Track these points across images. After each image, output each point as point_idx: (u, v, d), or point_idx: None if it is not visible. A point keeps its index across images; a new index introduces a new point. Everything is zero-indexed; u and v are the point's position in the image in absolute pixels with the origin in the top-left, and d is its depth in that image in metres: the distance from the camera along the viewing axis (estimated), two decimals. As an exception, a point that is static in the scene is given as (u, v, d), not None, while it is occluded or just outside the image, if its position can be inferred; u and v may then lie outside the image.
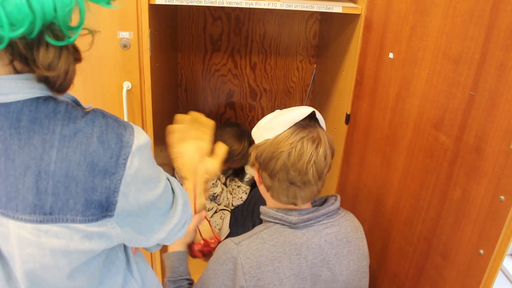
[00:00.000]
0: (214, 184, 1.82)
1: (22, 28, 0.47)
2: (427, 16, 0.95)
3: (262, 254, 0.93)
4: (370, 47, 1.25)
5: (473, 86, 0.81)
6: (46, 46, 0.52)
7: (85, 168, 0.56)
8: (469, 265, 0.84)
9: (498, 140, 0.75)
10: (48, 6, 0.48)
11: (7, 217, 0.56)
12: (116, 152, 0.58)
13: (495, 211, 0.76)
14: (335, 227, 0.99)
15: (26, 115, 0.55)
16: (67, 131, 0.56)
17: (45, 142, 0.55)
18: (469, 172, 0.84)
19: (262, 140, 0.96)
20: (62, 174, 0.55)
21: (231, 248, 0.95)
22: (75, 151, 0.56)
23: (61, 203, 0.56)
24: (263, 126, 0.99)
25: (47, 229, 0.56)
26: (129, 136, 0.60)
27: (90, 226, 0.59)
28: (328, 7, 1.26)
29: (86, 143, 0.56)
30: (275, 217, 0.98)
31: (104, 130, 0.58)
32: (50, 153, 0.55)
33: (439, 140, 0.93)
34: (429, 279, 0.98)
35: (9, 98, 0.54)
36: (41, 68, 0.53)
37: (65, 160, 0.55)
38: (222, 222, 1.83)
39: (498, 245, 0.76)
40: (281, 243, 0.94)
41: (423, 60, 0.97)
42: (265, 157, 0.94)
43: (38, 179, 0.55)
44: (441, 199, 0.93)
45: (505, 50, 0.73)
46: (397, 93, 1.09)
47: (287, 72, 1.99)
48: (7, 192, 0.55)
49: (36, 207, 0.55)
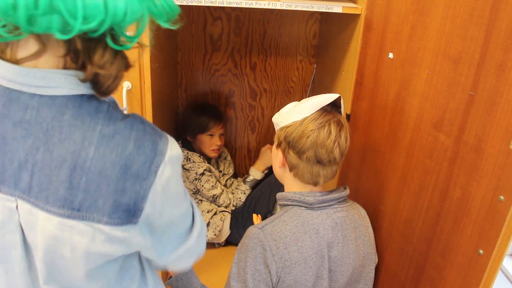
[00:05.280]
0: (214, 186, 1.82)
1: (92, 24, 0.50)
2: (427, 16, 0.95)
3: (286, 235, 0.99)
4: (370, 47, 1.25)
5: (473, 86, 0.81)
6: (104, 47, 0.56)
7: (119, 169, 0.57)
8: (469, 265, 0.84)
9: (498, 140, 0.75)
10: (120, 10, 0.51)
11: (37, 208, 0.57)
12: (150, 158, 0.59)
13: (494, 211, 0.76)
14: (344, 212, 1.07)
15: (70, 110, 0.57)
16: (107, 131, 0.57)
17: (85, 139, 0.56)
18: (469, 172, 0.84)
19: (289, 122, 1.03)
20: (96, 172, 0.56)
21: (256, 233, 1.00)
22: (111, 151, 0.57)
23: (90, 201, 0.57)
24: (290, 111, 1.06)
25: (72, 225, 0.57)
26: (163, 145, 0.61)
27: (114, 230, 0.59)
28: (328, 7, 1.26)
29: (123, 145, 0.58)
30: (292, 199, 1.05)
31: (141, 135, 0.59)
32: (88, 150, 0.56)
33: (439, 140, 0.93)
34: (429, 279, 0.98)
35: (56, 92, 0.56)
36: (95, 66, 0.56)
37: (101, 158, 0.56)
38: (223, 224, 1.83)
39: (497, 245, 0.76)
40: (301, 224, 1.02)
41: (423, 60, 0.97)
42: (295, 136, 1.01)
43: (73, 173, 0.56)
44: (441, 199, 0.93)
45: (504, 50, 0.73)
46: (397, 93, 1.09)
47: (287, 72, 1.99)
48: (40, 183, 0.56)
49: (66, 201, 0.56)
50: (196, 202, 1.84)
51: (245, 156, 2.17)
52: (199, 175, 1.79)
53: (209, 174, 1.82)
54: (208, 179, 1.81)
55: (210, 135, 1.84)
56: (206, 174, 1.80)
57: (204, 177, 1.80)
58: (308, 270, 1.00)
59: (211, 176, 1.82)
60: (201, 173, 1.79)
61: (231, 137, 2.13)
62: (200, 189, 1.81)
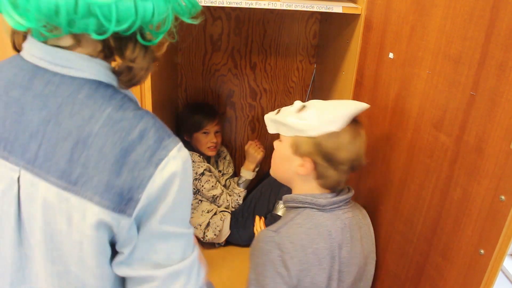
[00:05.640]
0: (214, 186, 1.82)
1: (124, 25, 0.56)
2: (427, 16, 0.95)
3: (302, 238, 0.99)
4: (370, 47, 1.25)
5: (473, 86, 0.81)
6: (134, 43, 0.61)
7: (118, 152, 0.59)
8: (470, 265, 0.84)
9: (499, 140, 0.75)
10: (148, 12, 0.57)
11: (39, 177, 0.59)
12: (152, 149, 0.60)
13: (495, 211, 0.76)
14: (350, 213, 1.08)
15: (85, 90, 0.61)
16: (115, 115, 0.60)
17: (93, 117, 0.59)
18: (469, 172, 0.84)
19: (320, 132, 1.00)
20: (96, 149, 0.58)
21: (271, 236, 0.99)
22: (115, 133, 0.59)
23: (87, 177, 0.58)
24: (317, 118, 1.00)
25: (67, 198, 0.59)
26: (170, 143, 0.62)
27: (104, 213, 0.59)
28: (328, 7, 1.26)
29: (127, 131, 0.60)
30: (304, 202, 1.04)
31: (148, 127, 0.62)
32: (93, 127, 0.59)
33: (439, 140, 0.93)
34: (429, 279, 0.98)
35: (77, 73, 0.61)
36: (127, 60, 0.61)
37: (104, 136, 0.59)
38: (223, 224, 1.83)
39: (498, 245, 0.75)
40: (315, 226, 1.01)
41: (423, 60, 0.97)
42: (332, 148, 0.99)
43: (75, 146, 0.58)
44: (441, 199, 0.93)
45: (505, 50, 0.73)
46: (397, 93, 1.09)
47: (287, 72, 1.99)
48: (46, 153, 0.59)
49: (65, 173, 0.58)
50: (196, 202, 1.84)
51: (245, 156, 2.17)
52: (199, 175, 1.79)
53: (209, 174, 1.82)
54: (208, 179, 1.81)
55: (205, 132, 1.84)
56: (206, 174, 1.80)
57: (204, 177, 1.80)
58: (323, 272, 1.01)
59: (211, 176, 1.82)
60: (201, 173, 1.79)
61: (231, 137, 2.13)
62: (200, 189, 1.81)
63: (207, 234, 1.81)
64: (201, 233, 1.81)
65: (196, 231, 1.83)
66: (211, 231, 1.81)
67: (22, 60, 0.63)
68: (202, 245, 1.86)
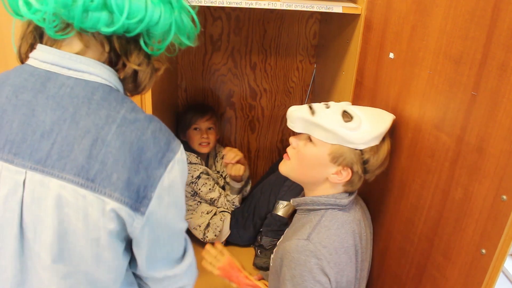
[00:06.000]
0: (211, 189, 1.81)
1: (133, 20, 0.60)
2: (427, 16, 0.95)
3: (334, 240, 0.99)
4: (370, 47, 1.25)
5: (475, 86, 0.81)
6: (139, 49, 0.66)
7: (135, 150, 0.61)
8: (471, 265, 0.84)
9: (500, 140, 0.75)
10: (156, 14, 0.61)
11: (50, 176, 0.60)
12: (163, 151, 0.64)
13: (497, 211, 0.77)
14: (358, 205, 1.12)
15: (99, 93, 0.63)
16: (129, 116, 0.63)
17: (109, 116, 0.62)
18: (470, 172, 0.84)
19: (369, 146, 1.00)
20: (115, 146, 0.60)
21: (304, 245, 0.98)
22: (131, 132, 0.62)
23: (105, 174, 0.60)
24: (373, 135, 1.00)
25: (84, 195, 0.59)
26: (175, 146, 0.66)
27: (122, 209, 0.61)
28: (328, 7, 1.26)
29: (141, 130, 0.63)
30: (326, 203, 1.05)
31: (158, 129, 0.65)
32: (111, 126, 0.61)
33: (440, 140, 0.93)
34: (430, 278, 0.98)
35: (91, 78, 0.64)
36: (133, 63, 0.66)
37: (122, 135, 0.61)
38: (223, 224, 1.82)
39: (500, 244, 0.76)
40: (341, 225, 1.03)
41: (424, 60, 0.97)
42: (374, 162, 1.02)
43: (94, 143, 0.60)
44: (442, 199, 0.93)
45: (506, 50, 0.73)
46: (398, 93, 1.09)
47: (287, 72, 1.99)
48: (60, 151, 0.60)
49: (83, 169, 0.59)
50: (195, 204, 1.84)
51: (245, 156, 2.17)
52: (195, 179, 1.77)
53: (206, 177, 1.80)
54: (205, 182, 1.79)
55: (195, 129, 1.83)
56: (203, 178, 1.79)
57: (200, 181, 1.78)
58: (353, 267, 1.03)
59: (208, 179, 1.81)
60: (197, 176, 1.78)
61: (231, 137, 2.12)
62: (198, 192, 1.80)
63: (207, 235, 1.81)
64: (201, 234, 1.81)
65: (196, 231, 1.82)
66: (211, 231, 1.81)
67: (31, 67, 0.64)
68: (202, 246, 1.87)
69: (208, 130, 1.85)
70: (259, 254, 1.80)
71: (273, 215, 1.77)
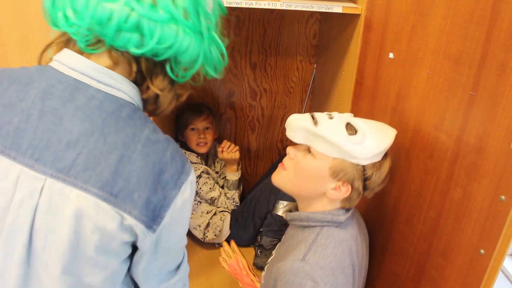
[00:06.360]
0: (212, 188, 1.81)
1: (162, 46, 0.62)
2: (427, 16, 0.95)
3: (330, 260, 0.94)
4: (370, 47, 1.25)
5: (474, 86, 0.81)
6: (164, 75, 0.68)
7: (156, 171, 0.63)
8: (470, 265, 0.84)
9: (499, 140, 0.75)
10: (185, 42, 0.64)
11: (72, 186, 0.59)
12: (178, 173, 0.65)
13: (495, 211, 0.76)
14: (355, 219, 1.07)
15: (126, 110, 0.65)
16: (151, 137, 0.65)
17: (135, 135, 0.63)
18: (469, 172, 0.84)
19: (368, 163, 0.95)
20: (140, 166, 0.62)
21: (300, 266, 0.92)
22: (154, 153, 0.64)
23: (128, 191, 0.61)
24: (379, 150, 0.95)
25: (106, 209, 0.60)
26: (188, 168, 0.68)
27: (137, 227, 0.62)
28: (328, 7, 1.26)
29: (162, 152, 0.65)
30: (323, 220, 1.00)
31: (175, 151, 0.67)
32: (137, 145, 0.63)
33: (439, 140, 0.93)
34: (429, 279, 0.98)
35: (119, 94, 0.65)
36: (156, 87, 0.68)
37: (146, 155, 0.63)
38: (222, 224, 1.83)
39: (498, 245, 0.76)
40: (338, 244, 0.98)
41: (424, 60, 0.97)
42: (376, 179, 0.96)
43: (120, 160, 0.61)
44: (441, 199, 0.93)
45: (505, 50, 0.73)
46: (397, 93, 1.09)
47: (287, 72, 1.99)
48: (86, 163, 0.60)
49: (108, 184, 0.60)
50: (195, 204, 1.84)
51: (245, 156, 2.17)
52: (196, 178, 1.78)
53: (206, 176, 1.81)
54: (205, 182, 1.80)
55: (193, 129, 1.83)
56: (204, 177, 1.79)
57: (201, 180, 1.79)
58: (349, 286, 0.98)
59: (208, 179, 1.81)
60: (198, 176, 1.78)
61: (231, 137, 2.12)
62: (198, 191, 1.80)
63: (207, 235, 1.81)
64: (201, 234, 1.81)
65: (196, 231, 1.82)
66: (211, 231, 1.81)
67: (59, 73, 0.64)
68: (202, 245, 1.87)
69: (206, 130, 1.85)
70: (259, 254, 1.80)
71: (273, 215, 1.77)
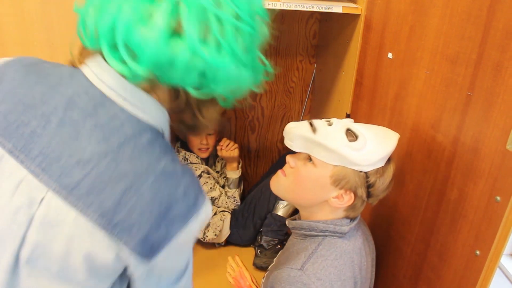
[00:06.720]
0: (212, 188, 1.82)
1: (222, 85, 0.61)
2: (425, 16, 0.95)
3: (330, 272, 0.91)
4: (369, 47, 1.24)
5: (470, 86, 0.81)
6: (214, 106, 0.67)
7: (164, 207, 0.59)
8: (466, 266, 0.83)
9: (495, 140, 0.75)
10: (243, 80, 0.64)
11: (72, 206, 0.56)
12: (188, 208, 0.61)
13: (491, 212, 0.76)
14: (360, 231, 1.02)
15: (148, 135, 0.61)
16: (168, 168, 0.60)
17: (150, 165, 0.59)
18: (465, 173, 0.83)
19: (374, 168, 0.91)
20: (146, 199, 0.57)
21: (297, 275, 0.89)
22: (165, 187, 0.59)
23: (127, 224, 0.57)
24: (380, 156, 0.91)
25: (102, 236, 0.56)
26: (202, 200, 0.64)
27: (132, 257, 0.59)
28: (328, 7, 1.26)
29: (175, 187, 0.60)
30: (325, 230, 0.96)
31: (190, 183, 0.62)
32: (148, 177, 0.58)
33: (436, 140, 0.93)
34: (426, 279, 0.98)
35: (144, 116, 0.62)
36: (204, 118, 0.67)
37: (156, 189, 0.58)
38: (223, 224, 1.82)
39: (494, 245, 0.75)
40: (339, 255, 0.94)
41: (422, 60, 0.97)
42: (380, 185, 0.92)
43: (127, 191, 0.57)
44: (438, 199, 0.92)
45: (501, 51, 0.73)
46: (396, 93, 1.09)
47: (287, 72, 1.99)
48: (92, 186, 0.56)
49: (108, 213, 0.56)
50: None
51: (245, 156, 2.17)
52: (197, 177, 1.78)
53: (206, 176, 1.81)
54: (206, 181, 1.80)
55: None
56: (204, 177, 1.80)
57: (201, 179, 1.79)
58: None
59: (209, 178, 1.81)
60: (199, 175, 1.78)
61: (231, 137, 2.12)
62: None
63: (208, 235, 1.81)
64: (201, 234, 1.81)
65: (196, 231, 1.82)
66: (211, 231, 1.81)
67: (87, 81, 0.61)
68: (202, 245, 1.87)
69: (208, 135, 1.85)
70: (259, 254, 1.80)
71: (273, 215, 1.77)
